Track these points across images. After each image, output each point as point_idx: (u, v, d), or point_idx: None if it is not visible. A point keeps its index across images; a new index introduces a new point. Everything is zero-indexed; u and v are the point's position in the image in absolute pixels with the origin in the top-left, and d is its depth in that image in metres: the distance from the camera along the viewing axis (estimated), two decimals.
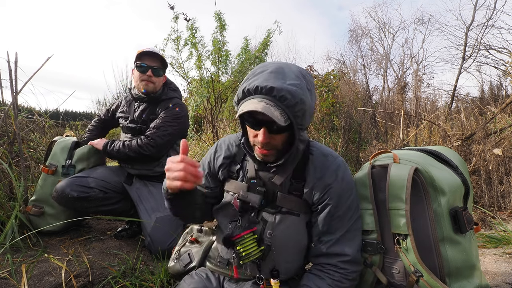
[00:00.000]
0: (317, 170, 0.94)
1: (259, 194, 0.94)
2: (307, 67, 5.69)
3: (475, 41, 6.57)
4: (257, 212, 0.96)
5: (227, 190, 1.04)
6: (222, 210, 1.05)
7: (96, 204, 1.64)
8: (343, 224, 0.93)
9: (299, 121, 0.82)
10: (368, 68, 10.26)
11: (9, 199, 1.78)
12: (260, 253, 0.91)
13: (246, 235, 0.90)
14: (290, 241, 0.95)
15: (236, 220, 0.97)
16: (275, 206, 0.95)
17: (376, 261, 0.95)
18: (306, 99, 0.81)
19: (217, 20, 3.88)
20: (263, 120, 0.82)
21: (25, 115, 2.36)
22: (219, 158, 1.06)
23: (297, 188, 0.95)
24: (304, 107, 0.81)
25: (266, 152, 0.88)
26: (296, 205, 0.95)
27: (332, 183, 0.92)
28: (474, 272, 0.90)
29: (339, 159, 0.97)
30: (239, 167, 1.03)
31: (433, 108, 4.34)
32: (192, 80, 4.34)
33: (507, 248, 1.58)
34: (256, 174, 0.98)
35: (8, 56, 1.69)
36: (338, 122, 4.50)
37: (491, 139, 2.68)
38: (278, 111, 0.77)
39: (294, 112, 0.80)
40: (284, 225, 0.94)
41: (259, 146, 0.87)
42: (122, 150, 1.72)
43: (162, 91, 1.84)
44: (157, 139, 1.72)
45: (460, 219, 0.87)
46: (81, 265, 1.36)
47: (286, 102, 0.78)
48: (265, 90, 0.78)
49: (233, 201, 0.99)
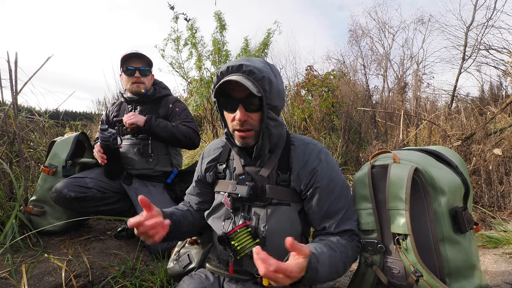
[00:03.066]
0: (300, 158, 0.98)
1: (248, 186, 0.97)
2: (307, 67, 5.69)
3: (475, 41, 6.56)
4: (249, 208, 0.98)
5: (217, 191, 1.07)
6: (214, 212, 1.07)
7: (94, 204, 1.64)
8: (340, 204, 0.96)
9: (268, 95, 0.89)
10: (368, 68, 10.27)
11: (9, 199, 1.78)
12: (255, 245, 0.91)
13: (239, 229, 0.92)
14: (285, 231, 0.96)
15: (229, 218, 1.00)
16: (265, 199, 0.97)
17: (376, 260, 0.95)
18: (272, 79, 0.90)
19: (217, 20, 3.89)
20: (238, 99, 0.90)
21: (25, 115, 2.36)
22: (204, 164, 1.11)
23: (284, 178, 0.98)
24: (271, 84, 0.89)
25: (245, 134, 0.92)
26: (285, 195, 0.97)
27: (317, 166, 0.96)
28: (474, 272, 0.90)
29: (319, 145, 1.03)
30: (225, 166, 1.07)
31: (433, 108, 4.34)
32: (192, 80, 4.34)
33: (507, 248, 1.58)
34: (243, 170, 1.01)
35: (8, 56, 1.69)
36: (338, 122, 4.50)
37: (491, 139, 2.68)
38: (250, 82, 0.86)
39: (263, 85, 0.88)
40: (276, 217, 0.96)
41: (238, 127, 0.92)
42: (170, 128, 1.68)
43: (154, 91, 1.86)
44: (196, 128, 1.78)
45: (460, 219, 0.87)
46: (81, 265, 1.36)
47: (255, 76, 0.87)
48: (235, 67, 0.89)
49: (224, 200, 1.02)
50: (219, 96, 0.95)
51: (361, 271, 0.99)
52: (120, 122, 1.86)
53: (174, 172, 1.86)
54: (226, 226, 0.99)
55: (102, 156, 1.63)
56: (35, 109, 2.49)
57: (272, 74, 0.91)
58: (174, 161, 1.89)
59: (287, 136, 1.05)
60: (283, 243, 0.95)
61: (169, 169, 1.86)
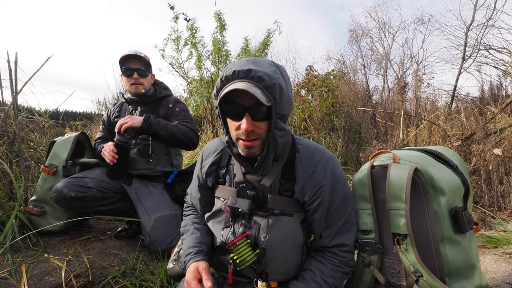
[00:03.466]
0: (306, 168, 0.92)
1: (249, 199, 0.92)
2: (307, 67, 5.69)
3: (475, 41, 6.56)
4: (249, 217, 0.94)
5: (217, 197, 1.04)
6: (214, 217, 1.04)
7: (94, 204, 1.64)
8: (340, 216, 0.95)
9: (277, 105, 0.81)
10: (368, 68, 10.27)
11: (9, 199, 1.78)
12: (255, 257, 0.89)
13: (238, 241, 0.88)
14: (286, 242, 0.93)
15: (229, 227, 0.96)
16: (267, 209, 0.92)
17: (374, 260, 0.95)
18: (283, 85, 0.82)
19: (217, 20, 3.89)
20: (244, 107, 0.82)
21: (25, 115, 2.36)
22: (205, 166, 1.06)
23: (287, 188, 0.93)
24: (282, 92, 0.81)
25: (251, 144, 0.85)
26: (288, 206, 0.93)
27: (323, 181, 0.91)
28: (474, 272, 0.90)
29: (326, 154, 0.96)
30: (225, 171, 1.02)
31: (433, 108, 4.33)
32: (192, 80, 4.34)
33: (507, 248, 1.58)
34: (244, 178, 0.96)
35: (8, 56, 1.69)
36: (338, 122, 4.50)
37: (491, 139, 2.67)
38: (259, 90, 0.77)
39: (273, 94, 0.79)
40: (277, 227, 0.92)
41: (244, 137, 0.84)
42: (171, 128, 1.65)
43: (155, 91, 1.86)
44: (195, 129, 1.77)
45: (460, 219, 0.87)
46: (81, 265, 1.36)
47: (264, 83, 0.78)
48: (243, 72, 0.78)
49: (224, 208, 0.98)
50: (222, 102, 0.84)
51: (359, 271, 0.99)
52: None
53: (174, 172, 1.87)
54: (225, 235, 0.95)
55: (114, 156, 1.61)
56: (35, 109, 2.49)
57: (283, 80, 0.83)
58: (174, 161, 1.89)
59: (292, 142, 0.98)
60: (283, 254, 0.93)
61: (169, 169, 1.86)
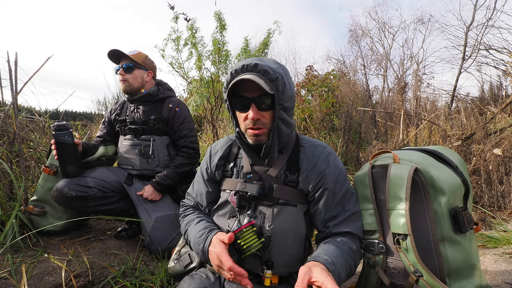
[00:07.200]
0: (309, 160, 1.01)
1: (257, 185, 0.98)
2: (307, 67, 5.68)
3: (475, 41, 6.57)
4: (255, 206, 0.99)
5: (224, 189, 1.08)
6: (219, 209, 1.08)
7: (95, 204, 1.63)
8: (345, 207, 0.99)
9: (280, 96, 0.91)
10: (368, 68, 10.28)
11: (9, 199, 1.78)
12: (260, 245, 0.92)
13: (245, 228, 0.92)
14: (290, 231, 0.97)
15: (235, 216, 1.00)
16: (272, 198, 0.98)
17: (379, 261, 0.95)
18: (285, 79, 0.92)
19: (217, 20, 3.88)
20: (250, 98, 0.93)
21: (25, 115, 2.36)
22: (215, 159, 1.12)
23: (292, 179, 1.00)
24: (284, 85, 0.92)
25: (258, 132, 0.94)
26: (293, 196, 0.99)
27: (326, 170, 0.99)
28: (474, 272, 0.90)
29: (328, 148, 1.05)
30: (233, 164, 1.09)
31: (433, 108, 4.33)
32: (192, 80, 4.34)
33: (507, 248, 1.58)
34: (252, 169, 1.03)
35: (8, 56, 1.69)
36: (338, 122, 4.50)
37: (491, 139, 2.67)
38: (263, 81, 0.88)
39: (276, 86, 0.90)
40: (282, 217, 0.97)
41: (251, 125, 0.94)
42: (174, 175, 1.76)
43: (157, 91, 1.85)
44: (195, 146, 1.83)
45: (460, 219, 0.87)
46: (81, 265, 1.36)
47: (269, 76, 0.89)
48: (250, 66, 0.90)
49: (230, 198, 1.02)
50: (231, 96, 0.97)
51: (365, 273, 1.00)
52: (121, 122, 1.86)
53: None
54: (231, 225, 1.00)
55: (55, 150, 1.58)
56: (35, 109, 2.49)
57: (285, 76, 0.94)
58: None
59: (296, 138, 1.07)
60: (287, 243, 0.97)
61: None
